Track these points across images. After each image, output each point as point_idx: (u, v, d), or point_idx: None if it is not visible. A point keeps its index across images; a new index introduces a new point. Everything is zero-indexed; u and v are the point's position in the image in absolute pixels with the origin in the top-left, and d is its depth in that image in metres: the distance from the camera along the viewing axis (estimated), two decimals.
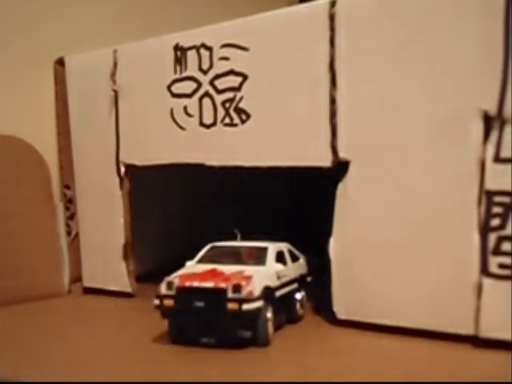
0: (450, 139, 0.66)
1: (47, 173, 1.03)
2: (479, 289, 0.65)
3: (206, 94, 0.84)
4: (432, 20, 0.66)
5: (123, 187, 0.95)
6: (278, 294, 0.72)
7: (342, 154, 0.73)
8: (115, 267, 0.96)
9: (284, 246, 0.80)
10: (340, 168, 0.73)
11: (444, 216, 0.66)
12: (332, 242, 0.74)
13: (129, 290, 0.95)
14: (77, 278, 1.03)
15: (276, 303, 0.71)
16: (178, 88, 0.87)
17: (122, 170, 0.94)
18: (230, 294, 0.66)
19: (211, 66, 0.83)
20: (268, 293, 0.69)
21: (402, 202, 0.69)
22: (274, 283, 0.71)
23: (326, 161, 0.74)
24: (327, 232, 0.74)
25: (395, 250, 0.70)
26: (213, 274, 0.70)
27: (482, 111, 0.64)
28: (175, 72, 0.87)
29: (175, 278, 0.69)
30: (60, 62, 1.02)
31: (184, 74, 0.86)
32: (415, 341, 0.68)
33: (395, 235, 0.70)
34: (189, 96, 0.86)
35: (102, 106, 0.95)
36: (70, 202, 1.04)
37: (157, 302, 0.69)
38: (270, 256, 0.75)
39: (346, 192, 0.73)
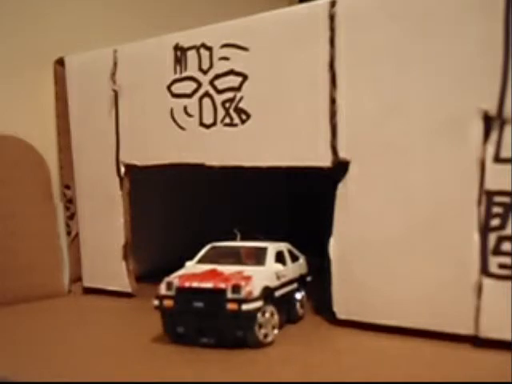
0: (450, 139, 0.66)
1: (47, 173, 1.03)
2: (479, 289, 0.65)
3: (206, 94, 0.84)
4: (432, 20, 0.66)
5: (123, 187, 0.95)
6: (278, 293, 0.72)
7: (342, 154, 0.73)
8: (115, 267, 0.96)
9: (284, 246, 0.80)
10: (340, 168, 0.73)
11: (444, 216, 0.66)
12: (332, 242, 0.74)
13: (129, 289, 0.96)
14: (77, 278, 1.03)
15: (276, 303, 0.71)
16: (177, 88, 0.87)
17: (122, 170, 0.94)
18: (230, 295, 0.65)
19: (211, 66, 0.83)
20: (267, 293, 0.69)
21: (402, 202, 0.69)
22: (273, 283, 0.71)
23: (326, 161, 0.74)
24: (327, 232, 0.75)
25: (395, 249, 0.70)
26: (212, 274, 0.70)
27: (482, 111, 0.64)
28: (175, 72, 0.87)
29: (175, 278, 0.69)
30: (60, 62, 1.02)
31: (184, 74, 0.86)
32: (415, 341, 0.68)
33: (395, 235, 0.70)
34: (189, 96, 0.86)
35: (101, 106, 0.95)
36: (70, 202, 1.04)
37: (156, 302, 0.69)
38: (270, 256, 0.75)
39: (346, 192, 0.73)
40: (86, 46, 1.00)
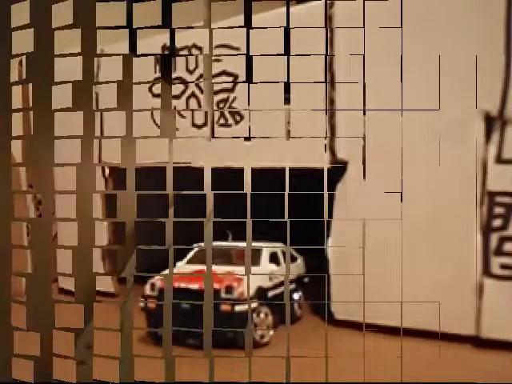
0: (452, 140, 0.66)
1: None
2: (481, 289, 0.65)
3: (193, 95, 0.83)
4: (432, 21, 0.67)
5: (107, 188, 0.93)
6: (271, 294, 0.71)
7: (341, 155, 0.72)
8: (95, 267, 0.93)
9: (278, 247, 0.79)
10: (339, 168, 0.73)
11: (445, 216, 0.67)
12: (331, 242, 0.74)
13: (111, 290, 0.93)
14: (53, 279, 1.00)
15: (270, 303, 0.70)
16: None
17: (107, 170, 0.92)
18: (223, 295, 0.65)
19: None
20: (261, 293, 0.68)
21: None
22: (267, 284, 0.70)
23: (324, 161, 0.73)
24: (326, 232, 0.74)
25: (395, 250, 0.70)
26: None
27: (484, 112, 0.64)
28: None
29: (158, 279, 0.68)
30: None
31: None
32: (415, 341, 0.68)
33: (395, 235, 0.69)
34: (177, 97, 0.84)
35: None
36: (39, 204, 1.02)
37: (142, 303, 0.68)
38: (264, 257, 0.74)
39: (345, 192, 0.72)
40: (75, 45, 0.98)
